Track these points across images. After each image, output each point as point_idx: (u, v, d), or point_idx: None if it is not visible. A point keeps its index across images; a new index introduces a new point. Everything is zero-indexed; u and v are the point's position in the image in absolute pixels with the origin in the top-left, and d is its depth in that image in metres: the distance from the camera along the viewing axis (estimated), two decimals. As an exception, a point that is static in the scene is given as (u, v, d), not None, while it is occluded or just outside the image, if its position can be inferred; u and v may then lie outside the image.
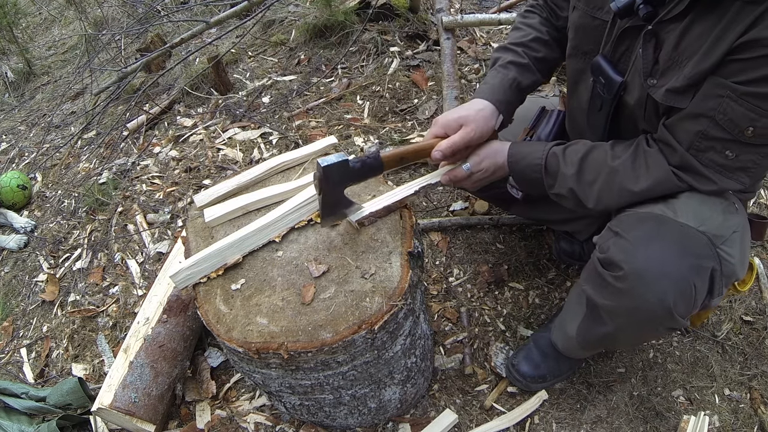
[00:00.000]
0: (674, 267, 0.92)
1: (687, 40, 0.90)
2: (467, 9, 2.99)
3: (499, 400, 1.47)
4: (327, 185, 1.07)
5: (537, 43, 1.27)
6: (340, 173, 1.06)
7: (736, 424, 1.40)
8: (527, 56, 1.25)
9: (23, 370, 1.87)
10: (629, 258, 0.94)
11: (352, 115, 2.39)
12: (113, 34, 3.56)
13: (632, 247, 0.95)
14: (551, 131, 1.31)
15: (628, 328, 1.03)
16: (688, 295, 0.93)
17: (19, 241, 2.40)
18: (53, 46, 4.52)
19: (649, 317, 0.96)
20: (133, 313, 1.84)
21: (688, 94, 0.92)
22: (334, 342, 1.02)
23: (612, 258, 0.97)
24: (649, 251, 0.93)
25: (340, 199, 1.12)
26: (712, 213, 0.97)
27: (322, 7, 2.72)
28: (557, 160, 1.10)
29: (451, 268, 1.80)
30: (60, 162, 2.87)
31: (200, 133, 2.54)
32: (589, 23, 1.10)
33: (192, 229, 1.29)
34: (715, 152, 0.91)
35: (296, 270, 1.14)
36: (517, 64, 1.25)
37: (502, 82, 1.23)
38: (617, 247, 0.97)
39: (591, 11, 1.09)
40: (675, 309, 0.92)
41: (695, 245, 0.94)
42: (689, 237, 0.95)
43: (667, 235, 0.95)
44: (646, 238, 0.95)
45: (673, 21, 0.92)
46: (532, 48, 1.26)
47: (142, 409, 1.41)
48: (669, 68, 0.94)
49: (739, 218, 1.02)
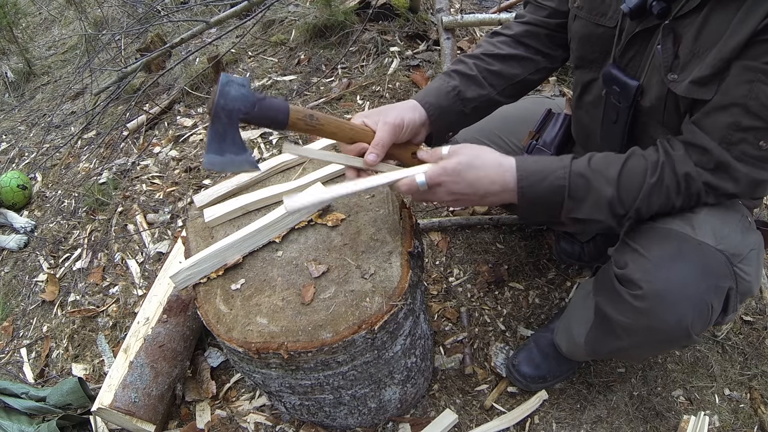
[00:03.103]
0: (694, 289, 0.91)
1: (707, 30, 0.88)
2: (467, 9, 2.99)
3: (499, 400, 1.47)
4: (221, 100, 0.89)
5: (492, 57, 1.20)
6: (238, 91, 0.89)
7: (736, 424, 1.40)
8: (477, 68, 1.18)
9: (23, 370, 1.87)
10: (649, 278, 0.93)
11: (352, 115, 2.39)
12: (113, 34, 3.56)
13: (653, 266, 0.94)
14: (557, 135, 1.30)
15: (644, 345, 1.02)
16: (705, 315, 0.93)
17: (19, 241, 2.40)
18: (53, 46, 4.52)
19: (666, 337, 0.95)
20: (133, 313, 1.84)
21: (712, 84, 0.89)
22: (334, 342, 1.02)
23: (631, 276, 0.95)
24: (670, 272, 0.92)
25: (233, 133, 0.93)
26: (730, 231, 0.96)
27: (322, 7, 2.72)
28: (586, 181, 0.94)
29: (451, 268, 1.80)
30: (60, 162, 2.87)
31: (200, 133, 2.54)
32: (593, 31, 1.08)
33: (192, 229, 1.29)
34: (748, 144, 0.87)
35: (296, 270, 1.14)
36: (462, 74, 1.18)
37: (439, 86, 1.16)
38: (636, 265, 0.95)
39: (594, 19, 1.07)
40: (692, 329, 0.92)
41: (714, 266, 0.93)
42: (708, 257, 0.93)
43: (687, 256, 0.93)
44: (668, 258, 0.94)
45: (689, 14, 0.90)
46: (484, 61, 1.19)
47: (142, 409, 1.41)
48: (690, 61, 0.91)
49: (756, 236, 1.01)
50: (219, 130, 0.91)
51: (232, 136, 0.92)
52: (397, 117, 1.02)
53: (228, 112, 0.90)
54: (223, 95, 0.88)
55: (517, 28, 1.23)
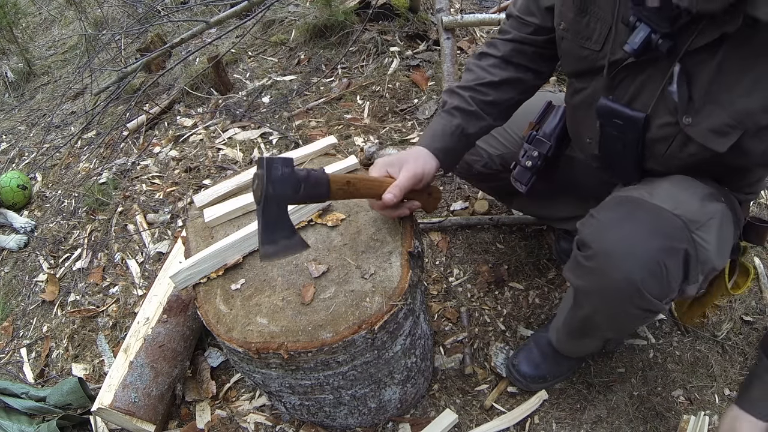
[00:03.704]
0: (642, 246, 0.91)
1: (724, 74, 0.86)
2: (467, 9, 2.99)
3: (499, 400, 1.47)
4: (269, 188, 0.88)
5: (486, 87, 1.20)
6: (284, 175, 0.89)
7: (736, 424, 1.40)
8: (474, 102, 1.19)
9: (23, 370, 1.87)
10: (598, 237, 0.95)
11: (352, 115, 2.40)
12: (113, 34, 3.56)
13: (602, 226, 0.97)
14: (557, 126, 1.30)
15: (602, 308, 1.03)
16: (658, 275, 0.91)
17: (19, 241, 2.40)
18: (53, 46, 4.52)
19: (617, 296, 0.95)
20: (133, 313, 1.84)
21: (732, 135, 0.88)
22: (334, 342, 1.02)
23: (584, 238, 0.98)
24: (618, 231, 0.94)
25: (283, 218, 0.93)
26: (690, 197, 0.96)
27: (322, 7, 2.72)
28: None
29: (451, 268, 1.80)
30: (60, 162, 2.87)
31: (200, 133, 2.54)
32: (580, 53, 1.07)
33: (192, 229, 1.29)
34: None
35: (296, 270, 1.14)
36: (461, 110, 1.19)
37: (444, 129, 1.18)
38: (589, 227, 0.99)
39: (580, 42, 1.06)
40: (644, 287, 0.91)
41: (667, 227, 0.93)
42: (662, 218, 0.93)
43: (638, 217, 0.95)
44: (618, 218, 0.96)
45: (701, 53, 0.87)
46: (480, 92, 1.20)
47: (142, 409, 1.41)
48: (705, 105, 0.89)
49: (719, 207, 0.99)
50: (270, 218, 0.92)
51: (282, 222, 0.94)
52: (419, 168, 1.08)
53: (278, 199, 0.90)
54: (272, 182, 0.88)
55: (504, 48, 1.22)
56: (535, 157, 1.29)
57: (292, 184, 0.90)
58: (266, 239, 0.92)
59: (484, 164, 1.45)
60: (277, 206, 0.91)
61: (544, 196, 1.45)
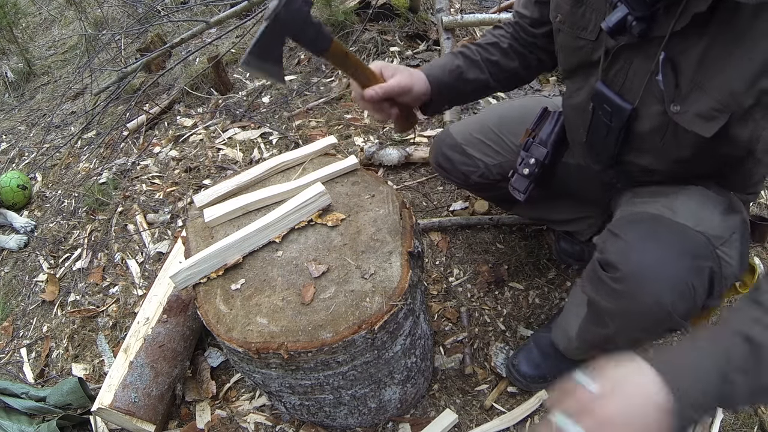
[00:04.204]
0: (671, 268, 0.91)
1: (710, 60, 0.86)
2: (467, 9, 2.99)
3: (499, 400, 1.47)
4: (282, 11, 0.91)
5: (493, 47, 1.28)
6: (299, 8, 0.92)
7: (736, 424, 1.40)
8: (479, 55, 1.27)
9: (23, 370, 1.87)
10: (625, 259, 0.94)
11: (352, 115, 2.40)
12: (113, 34, 3.56)
13: (628, 247, 0.95)
14: (552, 132, 1.31)
15: (628, 330, 1.02)
16: (687, 296, 0.92)
17: (19, 241, 2.40)
18: (53, 46, 4.52)
19: (647, 319, 0.95)
20: (133, 313, 1.84)
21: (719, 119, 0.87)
22: (334, 342, 1.02)
23: (609, 259, 0.96)
24: (645, 252, 0.92)
25: (277, 45, 0.96)
26: (711, 214, 0.96)
27: (322, 7, 2.72)
28: None
29: (451, 268, 1.80)
30: (60, 162, 2.87)
31: (200, 133, 2.54)
32: (576, 44, 1.09)
33: (192, 229, 1.29)
34: None
35: (296, 270, 1.14)
36: (465, 56, 1.27)
37: (444, 64, 1.25)
38: (614, 247, 0.97)
39: (576, 33, 1.07)
40: (674, 310, 0.91)
41: (693, 245, 0.93)
42: (687, 237, 0.93)
43: (664, 236, 0.94)
44: (643, 238, 0.94)
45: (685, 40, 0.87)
46: (486, 50, 1.28)
47: (142, 409, 1.41)
48: (692, 91, 0.90)
49: (738, 219, 1.01)
50: (267, 38, 0.93)
51: (276, 48, 0.96)
52: (408, 81, 1.12)
53: (284, 25, 0.92)
54: (287, 8, 0.91)
55: (510, 29, 1.30)
56: (532, 164, 1.28)
57: (302, 18, 0.93)
58: (254, 51, 0.94)
59: (481, 174, 1.44)
60: (280, 31, 0.93)
61: (543, 201, 1.45)
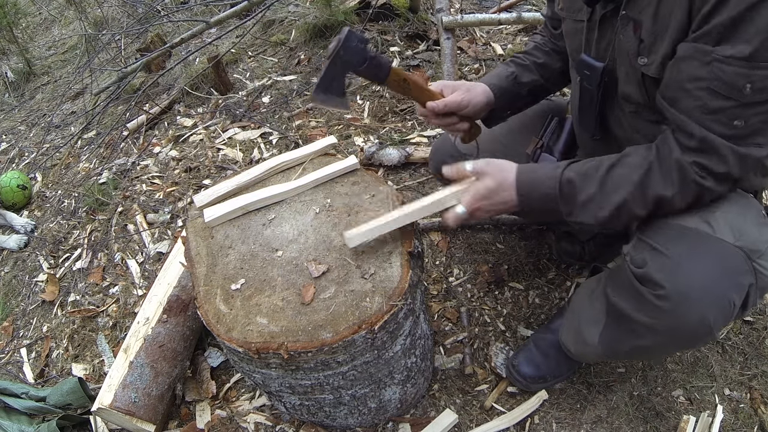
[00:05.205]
0: (716, 287, 0.91)
1: (663, 9, 0.90)
2: (467, 9, 2.99)
3: (499, 400, 1.47)
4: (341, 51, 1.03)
5: (537, 50, 1.38)
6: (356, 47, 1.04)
7: (736, 424, 1.40)
8: (528, 59, 1.37)
9: (23, 370, 1.87)
10: (671, 277, 0.93)
11: (352, 115, 2.40)
12: (113, 34, 3.56)
13: (674, 265, 0.93)
14: (560, 140, 1.33)
15: (668, 344, 1.02)
16: (728, 312, 0.93)
17: (19, 241, 2.40)
18: (53, 46, 4.52)
19: (690, 336, 0.96)
20: (133, 313, 1.84)
21: None
22: (334, 342, 1.02)
23: (651, 275, 0.95)
24: (692, 272, 0.92)
25: (340, 79, 1.09)
26: (747, 227, 0.96)
27: (322, 7, 2.72)
28: (573, 186, 1.00)
29: (451, 268, 1.80)
30: (60, 162, 2.87)
31: (200, 133, 2.54)
32: (574, 27, 1.15)
33: (192, 229, 1.29)
34: (722, 124, 0.86)
35: (296, 270, 1.14)
36: (517, 63, 1.37)
37: (500, 72, 1.35)
38: (657, 264, 0.95)
39: (573, 16, 1.15)
40: (715, 326, 0.93)
41: (735, 263, 0.93)
42: (728, 255, 0.93)
43: (707, 254, 0.93)
44: (688, 256, 0.93)
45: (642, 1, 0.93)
46: (532, 54, 1.38)
47: (142, 409, 1.41)
48: (654, 42, 0.93)
49: None
50: (330, 74, 1.07)
51: (339, 82, 1.08)
52: (466, 97, 1.21)
53: (344, 62, 1.05)
54: (345, 48, 1.03)
55: (545, 32, 1.41)
56: None
57: (360, 55, 1.05)
58: (321, 87, 1.08)
59: None
60: (341, 69, 1.07)
61: None
